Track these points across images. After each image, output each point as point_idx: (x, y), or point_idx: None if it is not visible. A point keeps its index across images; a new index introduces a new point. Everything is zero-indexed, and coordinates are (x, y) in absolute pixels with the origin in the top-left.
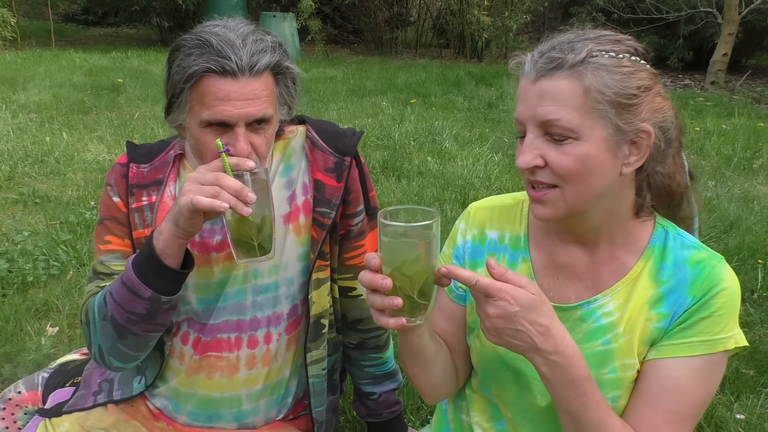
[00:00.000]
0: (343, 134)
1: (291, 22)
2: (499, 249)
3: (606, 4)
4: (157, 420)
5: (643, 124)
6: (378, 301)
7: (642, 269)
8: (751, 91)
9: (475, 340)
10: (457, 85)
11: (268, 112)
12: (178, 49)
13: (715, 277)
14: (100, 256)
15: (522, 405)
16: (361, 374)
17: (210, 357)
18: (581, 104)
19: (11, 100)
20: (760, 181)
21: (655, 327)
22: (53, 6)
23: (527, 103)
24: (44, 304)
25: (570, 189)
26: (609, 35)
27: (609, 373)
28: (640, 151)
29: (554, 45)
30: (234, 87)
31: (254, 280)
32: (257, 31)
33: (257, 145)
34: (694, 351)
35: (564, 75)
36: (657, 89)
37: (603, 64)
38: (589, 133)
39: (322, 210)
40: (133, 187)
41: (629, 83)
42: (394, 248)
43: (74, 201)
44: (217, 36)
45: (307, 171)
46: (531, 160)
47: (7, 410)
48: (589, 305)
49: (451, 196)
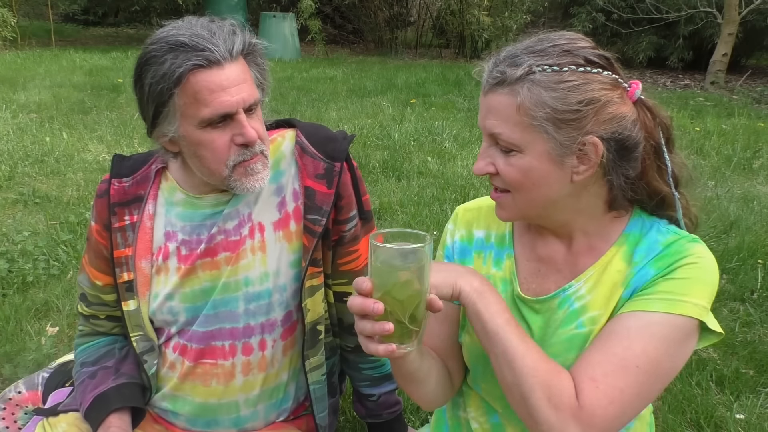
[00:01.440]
0: (334, 138)
1: (291, 22)
2: (486, 247)
3: (606, 4)
4: (156, 423)
5: (588, 137)
6: (368, 327)
7: (615, 253)
8: (751, 91)
9: (466, 336)
10: (457, 85)
11: (257, 94)
12: (147, 62)
13: (685, 251)
14: (80, 273)
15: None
16: (360, 376)
17: (205, 364)
18: (518, 121)
19: (11, 100)
20: (760, 181)
21: (622, 298)
22: (53, 6)
23: (480, 114)
24: (44, 304)
25: (519, 196)
26: (560, 44)
27: None
28: (589, 161)
29: (504, 57)
30: (222, 76)
31: (246, 288)
32: (215, 20)
33: (257, 128)
34: (651, 306)
35: (504, 91)
36: (610, 98)
37: (540, 81)
38: (530, 147)
39: (313, 217)
40: (115, 206)
41: (568, 99)
42: (385, 271)
43: (74, 201)
44: (184, 35)
45: (297, 177)
46: (483, 167)
47: (8, 410)
48: (564, 292)
49: (451, 196)
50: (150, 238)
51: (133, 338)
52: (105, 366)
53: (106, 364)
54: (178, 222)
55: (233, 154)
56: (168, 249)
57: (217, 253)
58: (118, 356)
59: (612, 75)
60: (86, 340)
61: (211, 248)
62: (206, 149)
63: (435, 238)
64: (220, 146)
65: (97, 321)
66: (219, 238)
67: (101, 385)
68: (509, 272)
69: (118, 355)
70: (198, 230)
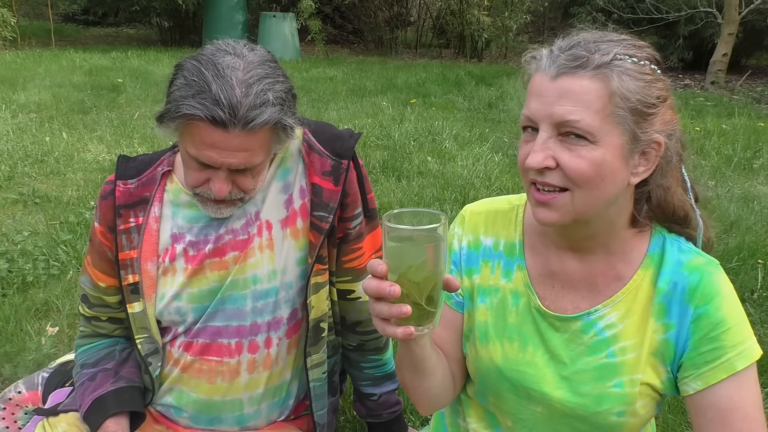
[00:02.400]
0: (341, 136)
1: (291, 22)
2: (494, 256)
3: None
4: (157, 423)
5: (657, 134)
6: (385, 310)
7: (642, 279)
8: (751, 91)
9: (471, 348)
10: (457, 85)
11: (253, 162)
12: (181, 68)
13: (714, 286)
14: (82, 274)
15: (522, 414)
16: (361, 376)
17: (211, 362)
18: (603, 107)
19: (11, 100)
20: (760, 181)
21: (661, 338)
22: (53, 6)
23: (543, 100)
24: (44, 304)
25: (580, 194)
26: (629, 40)
27: (615, 387)
28: (649, 162)
29: (577, 42)
30: (221, 137)
31: (253, 286)
32: (268, 78)
33: (242, 183)
34: (736, 367)
35: (588, 75)
36: (670, 101)
37: (628, 69)
38: (606, 139)
39: (320, 214)
40: (120, 208)
41: (650, 92)
42: (400, 253)
43: (74, 201)
44: (220, 78)
45: (304, 175)
46: (543, 160)
47: (8, 410)
48: (589, 316)
49: (451, 196)
50: (156, 241)
51: (138, 340)
52: (105, 368)
53: (105, 366)
54: (186, 224)
55: (203, 188)
56: (175, 250)
57: (226, 253)
58: (119, 358)
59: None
60: (87, 342)
61: (219, 248)
62: (188, 168)
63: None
64: (197, 177)
65: (98, 323)
66: (227, 237)
67: (100, 388)
68: (522, 284)
69: (118, 357)
70: (206, 231)
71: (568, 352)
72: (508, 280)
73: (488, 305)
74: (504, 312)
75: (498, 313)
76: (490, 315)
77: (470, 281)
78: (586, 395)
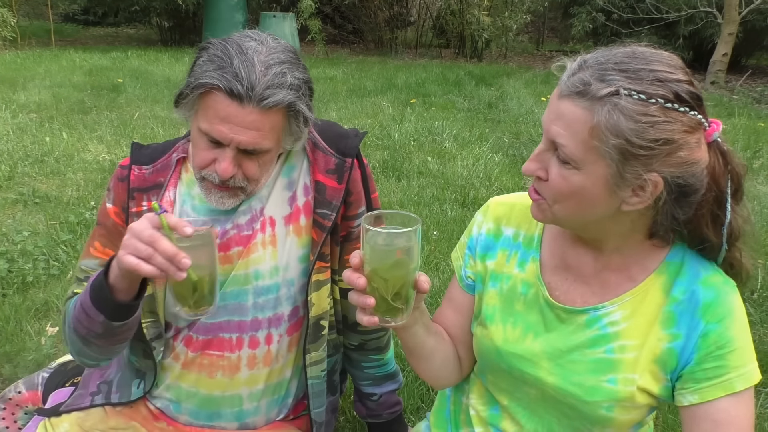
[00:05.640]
0: (346, 135)
1: (291, 22)
2: (512, 246)
3: (606, 4)
4: (157, 420)
5: (652, 174)
6: (353, 298)
7: (654, 282)
8: (751, 91)
9: (477, 327)
10: (457, 85)
11: (263, 145)
12: (204, 49)
13: (728, 305)
14: (83, 259)
15: (517, 394)
16: (362, 375)
17: (212, 356)
18: (586, 139)
19: (11, 100)
20: (760, 181)
21: (666, 347)
22: (53, 6)
23: (547, 114)
24: (44, 304)
25: (559, 207)
26: (655, 71)
27: (608, 382)
28: (644, 196)
29: (593, 63)
30: (236, 111)
31: (255, 282)
32: (287, 63)
33: (247, 168)
34: (735, 387)
35: (582, 104)
36: (686, 142)
37: (623, 107)
38: (589, 168)
39: (323, 211)
40: (134, 191)
41: (645, 134)
42: (373, 252)
43: (74, 201)
44: (242, 55)
45: (308, 172)
46: (534, 170)
47: (8, 410)
48: (596, 311)
49: (451, 196)
50: None
51: (144, 324)
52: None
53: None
54: (193, 214)
55: (208, 170)
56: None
57: (230, 248)
58: None
59: (697, 116)
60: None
61: (225, 243)
62: (196, 148)
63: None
64: (203, 157)
65: None
66: (232, 233)
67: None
68: (533, 276)
69: None
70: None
71: (568, 343)
72: (522, 270)
73: (498, 290)
74: (512, 299)
75: (506, 299)
76: (498, 300)
77: (483, 265)
78: (579, 385)
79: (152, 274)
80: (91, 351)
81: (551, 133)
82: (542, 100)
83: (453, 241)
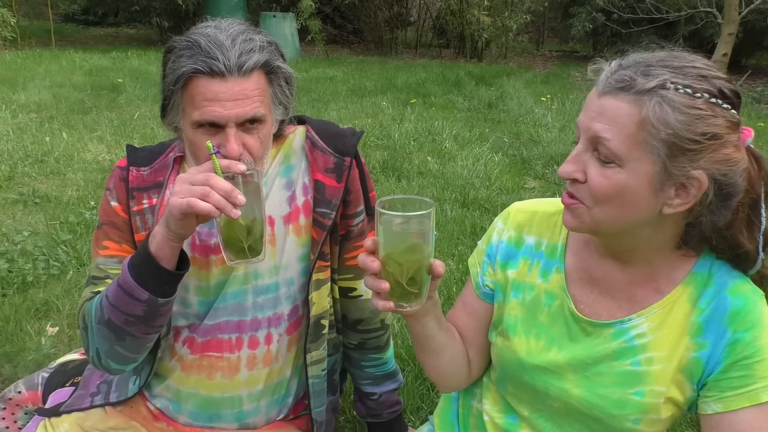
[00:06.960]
0: (344, 134)
1: (291, 22)
2: (535, 255)
3: (606, 4)
4: (157, 421)
5: (697, 171)
6: (368, 282)
7: (681, 294)
8: (751, 91)
9: (498, 337)
10: (457, 85)
11: (259, 111)
12: (170, 51)
13: (757, 314)
14: (97, 259)
15: (539, 406)
16: (362, 374)
17: (211, 357)
18: (633, 134)
19: (11, 100)
20: None
21: (692, 356)
22: (53, 6)
23: (586, 114)
24: (44, 304)
25: (599, 210)
26: (698, 68)
27: (636, 395)
28: (687, 197)
29: (636, 62)
30: (223, 87)
31: (255, 281)
32: (248, 31)
33: (250, 145)
34: (761, 398)
35: (627, 98)
36: (729, 139)
37: (671, 100)
38: (634, 165)
39: (322, 210)
40: (134, 191)
41: (694, 127)
42: (387, 236)
43: (74, 201)
44: (206, 37)
45: (307, 171)
46: (572, 171)
47: (8, 410)
48: (623, 324)
49: (451, 196)
50: None
51: None
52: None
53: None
54: None
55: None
56: None
57: None
58: None
59: (737, 115)
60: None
61: None
62: (195, 148)
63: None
64: (207, 151)
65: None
66: None
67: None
68: (558, 287)
69: None
70: (211, 224)
71: (593, 355)
72: (545, 280)
73: (521, 301)
74: (535, 310)
75: (529, 310)
76: (521, 310)
77: (504, 275)
78: (606, 398)
79: (208, 210)
80: (122, 348)
81: (592, 131)
82: (542, 100)
83: (453, 241)
